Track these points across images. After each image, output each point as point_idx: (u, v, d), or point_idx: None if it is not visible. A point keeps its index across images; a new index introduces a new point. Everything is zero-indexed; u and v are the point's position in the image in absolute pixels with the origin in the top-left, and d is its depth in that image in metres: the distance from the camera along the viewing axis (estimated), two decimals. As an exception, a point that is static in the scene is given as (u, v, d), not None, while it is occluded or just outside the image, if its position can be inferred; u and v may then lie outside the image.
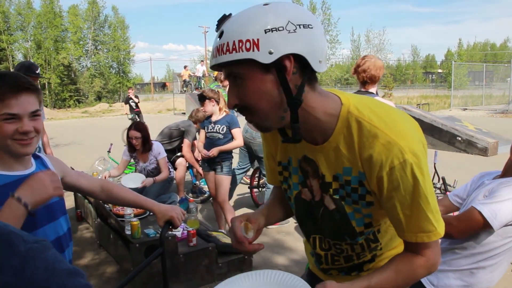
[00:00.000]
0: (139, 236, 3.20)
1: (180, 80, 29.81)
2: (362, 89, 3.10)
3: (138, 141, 4.32)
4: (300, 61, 0.92)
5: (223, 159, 3.99)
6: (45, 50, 30.55)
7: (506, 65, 31.73)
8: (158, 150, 4.45)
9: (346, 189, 1.05)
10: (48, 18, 31.17)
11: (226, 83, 5.15)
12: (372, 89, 3.10)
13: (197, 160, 5.38)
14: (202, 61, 30.02)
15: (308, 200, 1.15)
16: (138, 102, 13.12)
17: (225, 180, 4.00)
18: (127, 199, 1.69)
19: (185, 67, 28.35)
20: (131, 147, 4.44)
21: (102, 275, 3.54)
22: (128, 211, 3.39)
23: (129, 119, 12.35)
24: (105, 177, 4.32)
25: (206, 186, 5.92)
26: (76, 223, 4.77)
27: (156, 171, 4.49)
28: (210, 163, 4.05)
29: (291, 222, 4.68)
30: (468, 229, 1.71)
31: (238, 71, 0.94)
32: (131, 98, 12.87)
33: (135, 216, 3.47)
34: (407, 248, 1.06)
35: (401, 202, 0.98)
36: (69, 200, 4.99)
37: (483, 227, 1.68)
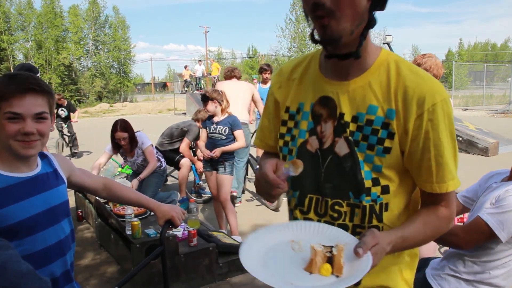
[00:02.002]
0: (140, 236, 3.20)
1: (181, 80, 29.83)
2: None
3: (126, 141, 4.21)
4: None
5: (226, 159, 3.98)
6: (45, 50, 30.54)
7: (507, 65, 31.73)
8: (141, 140, 4.34)
9: (365, 131, 1.01)
10: (48, 18, 31.15)
11: (267, 84, 5.02)
12: None
13: (199, 159, 5.40)
14: (200, 60, 29.97)
15: (313, 152, 1.08)
16: (73, 111, 9.48)
17: (227, 179, 4.00)
18: (129, 197, 1.70)
19: (185, 67, 28.35)
20: (116, 147, 4.33)
21: (102, 275, 3.54)
22: (129, 211, 3.40)
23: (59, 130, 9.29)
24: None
25: (202, 184, 5.96)
26: (77, 223, 4.77)
27: (146, 162, 4.41)
28: (212, 163, 4.05)
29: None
30: (475, 240, 1.68)
31: None
32: (60, 106, 9.22)
33: (136, 216, 3.48)
34: (429, 201, 1.04)
35: (436, 145, 0.97)
36: (70, 200, 4.98)
37: (490, 237, 1.65)
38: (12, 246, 0.89)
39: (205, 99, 3.98)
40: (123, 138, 4.19)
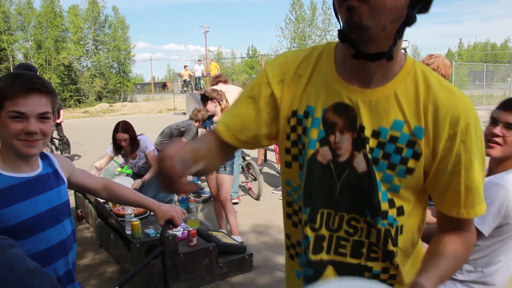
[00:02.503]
0: (140, 236, 3.20)
1: (181, 80, 29.80)
2: None
3: (126, 142, 4.21)
4: None
5: None
6: (45, 50, 30.51)
7: (506, 65, 31.75)
8: (145, 144, 4.33)
9: (387, 149, 0.89)
10: (48, 18, 31.13)
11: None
12: None
13: None
14: (199, 60, 29.97)
15: (325, 163, 0.95)
16: (58, 110, 8.95)
17: (227, 179, 3.99)
18: (128, 197, 1.70)
19: (185, 67, 28.35)
20: (117, 148, 4.32)
21: (102, 275, 3.54)
22: (129, 211, 3.39)
23: None
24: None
25: (200, 184, 5.95)
26: (77, 223, 4.77)
27: (147, 165, 4.41)
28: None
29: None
30: None
31: None
32: None
33: (136, 216, 3.47)
34: (452, 225, 0.96)
35: (467, 169, 0.88)
36: (70, 200, 4.98)
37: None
38: (17, 245, 0.90)
39: (205, 99, 3.98)
40: (124, 139, 4.19)
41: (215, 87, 5.36)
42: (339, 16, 0.84)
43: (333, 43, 0.99)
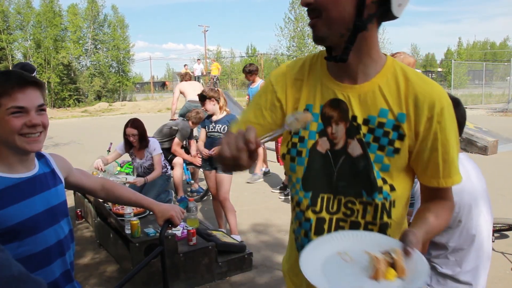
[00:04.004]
0: (139, 235, 3.20)
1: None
2: None
3: (135, 138, 4.32)
4: None
5: None
6: (44, 49, 30.42)
7: (505, 64, 31.69)
8: (154, 146, 4.43)
9: (376, 133, 1.06)
10: (47, 17, 31.05)
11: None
12: None
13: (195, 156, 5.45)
14: (199, 59, 29.94)
15: (323, 152, 1.11)
16: None
17: (226, 178, 3.99)
18: (127, 197, 1.69)
19: (184, 66, 28.32)
20: (128, 145, 4.42)
21: (102, 274, 3.54)
22: (128, 210, 3.39)
23: None
24: (97, 168, 4.33)
25: (195, 184, 5.97)
26: (76, 223, 4.77)
27: (153, 167, 4.48)
28: (212, 162, 4.05)
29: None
30: None
31: None
32: None
33: (135, 215, 3.47)
34: (434, 195, 1.13)
35: (443, 144, 1.05)
36: (69, 199, 4.96)
37: None
38: (2, 248, 0.86)
39: (203, 98, 3.98)
40: (133, 134, 4.30)
41: (180, 84, 5.96)
42: None
43: (325, 50, 1.15)
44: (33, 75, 3.77)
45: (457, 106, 1.86)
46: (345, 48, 1.01)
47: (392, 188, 1.09)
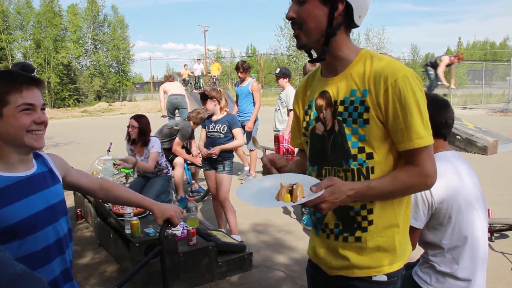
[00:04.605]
0: (139, 235, 3.20)
1: (180, 79, 29.75)
2: None
3: (134, 130, 4.38)
4: (347, 9, 1.28)
5: (225, 158, 3.98)
6: (44, 49, 30.43)
7: (505, 63, 31.69)
8: (153, 144, 4.46)
9: (349, 109, 1.30)
10: (47, 17, 31.06)
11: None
12: None
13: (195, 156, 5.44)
14: (199, 59, 29.96)
15: (320, 134, 1.39)
16: None
17: (226, 179, 3.99)
18: (126, 198, 1.70)
19: (184, 66, 28.33)
20: (129, 138, 4.51)
21: (102, 274, 3.54)
22: (128, 210, 3.39)
23: None
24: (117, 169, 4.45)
25: (196, 184, 5.97)
26: (76, 222, 4.77)
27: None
28: (212, 162, 4.04)
29: (293, 221, 4.68)
30: (415, 239, 1.83)
31: None
32: None
33: (135, 215, 3.47)
34: (407, 161, 1.28)
35: (403, 111, 1.22)
36: (69, 199, 4.98)
37: (415, 231, 1.80)
38: (2, 248, 0.87)
39: (205, 97, 3.98)
40: (132, 125, 4.39)
41: (163, 84, 7.56)
42: None
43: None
44: (32, 75, 3.78)
45: (446, 107, 1.94)
46: (322, 50, 1.32)
47: (370, 157, 1.29)
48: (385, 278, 1.33)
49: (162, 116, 8.45)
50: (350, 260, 1.35)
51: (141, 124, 4.40)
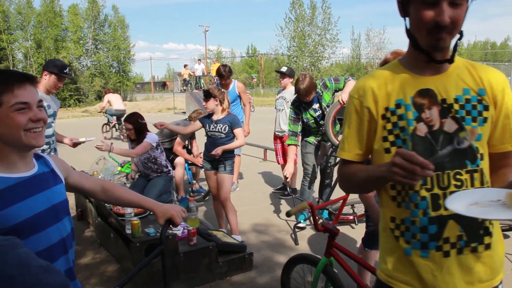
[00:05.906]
0: (140, 235, 3.21)
1: (180, 79, 29.76)
2: None
3: (131, 132, 4.48)
4: None
5: (226, 158, 3.97)
6: (45, 49, 30.45)
7: (506, 64, 31.68)
8: (148, 137, 4.47)
9: (466, 108, 1.25)
10: (48, 17, 31.09)
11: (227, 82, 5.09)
12: None
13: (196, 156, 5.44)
14: (199, 59, 29.97)
15: (423, 135, 1.26)
16: None
17: (227, 179, 3.99)
18: (128, 199, 1.69)
19: (185, 66, 28.36)
20: (129, 138, 4.62)
21: (102, 274, 3.55)
22: (129, 210, 3.40)
23: None
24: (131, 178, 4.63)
25: (197, 184, 5.97)
26: (77, 222, 4.77)
27: (149, 161, 4.53)
28: (213, 162, 4.04)
29: (293, 222, 4.68)
30: None
31: None
32: None
33: (136, 215, 3.48)
34: (505, 163, 1.31)
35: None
36: (70, 199, 4.97)
37: None
38: (23, 244, 0.90)
39: (208, 95, 3.95)
40: (128, 129, 4.51)
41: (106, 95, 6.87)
42: (420, 36, 1.23)
43: (393, 61, 1.40)
44: (66, 70, 3.74)
45: None
46: (454, 52, 1.27)
47: (482, 157, 1.26)
48: (501, 286, 1.30)
49: (100, 112, 8.65)
50: (482, 273, 1.25)
51: (134, 123, 4.46)
